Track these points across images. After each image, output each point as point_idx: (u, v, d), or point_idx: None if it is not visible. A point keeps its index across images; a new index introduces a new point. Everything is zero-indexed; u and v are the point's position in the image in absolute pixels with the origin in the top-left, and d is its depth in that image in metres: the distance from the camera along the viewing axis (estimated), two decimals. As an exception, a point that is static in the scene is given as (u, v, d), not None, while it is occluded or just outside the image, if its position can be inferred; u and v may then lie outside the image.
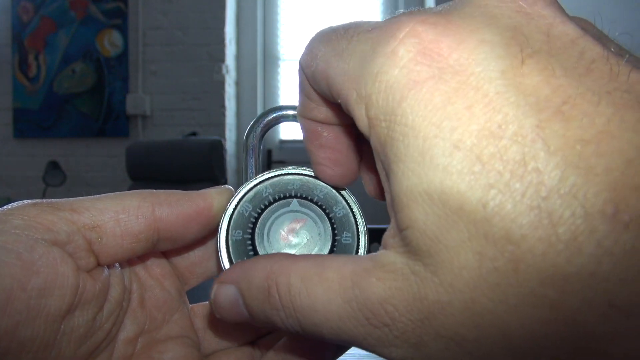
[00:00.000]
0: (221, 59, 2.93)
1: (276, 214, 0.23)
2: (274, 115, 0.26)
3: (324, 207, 0.23)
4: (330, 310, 0.16)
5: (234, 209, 0.23)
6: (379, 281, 0.15)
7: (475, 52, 0.14)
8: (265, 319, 0.18)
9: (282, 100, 3.30)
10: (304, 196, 0.23)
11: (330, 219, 0.22)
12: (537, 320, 0.13)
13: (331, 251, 0.22)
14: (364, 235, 0.23)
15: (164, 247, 0.23)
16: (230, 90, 3.06)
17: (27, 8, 2.97)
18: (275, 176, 0.23)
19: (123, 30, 2.94)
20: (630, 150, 0.12)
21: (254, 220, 0.23)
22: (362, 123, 0.16)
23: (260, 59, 3.26)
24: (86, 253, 0.20)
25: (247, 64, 3.23)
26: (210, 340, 0.25)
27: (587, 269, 0.12)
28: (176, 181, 2.10)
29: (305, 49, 0.19)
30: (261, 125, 0.26)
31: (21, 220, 0.19)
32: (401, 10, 0.16)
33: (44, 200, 0.20)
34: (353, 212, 0.23)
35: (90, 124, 2.96)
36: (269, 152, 3.25)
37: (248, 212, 0.23)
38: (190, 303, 0.26)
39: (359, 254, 0.22)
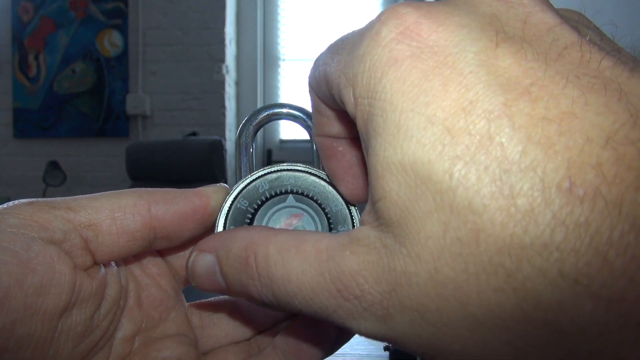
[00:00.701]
0: (221, 59, 2.93)
1: (273, 209, 0.23)
2: (266, 113, 0.26)
3: (320, 202, 0.23)
4: (304, 281, 0.16)
5: (231, 205, 0.23)
6: (352, 254, 0.16)
7: (453, 35, 0.15)
8: (240, 288, 0.18)
9: (282, 100, 3.30)
10: (300, 192, 0.23)
11: (326, 214, 0.23)
12: (493, 288, 0.13)
13: None
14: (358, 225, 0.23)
15: (160, 246, 0.23)
16: (230, 90, 3.06)
17: (27, 8, 2.97)
18: (270, 172, 0.23)
19: (123, 30, 2.94)
20: (591, 131, 0.13)
21: (250, 216, 0.23)
22: (350, 106, 0.17)
23: (260, 59, 3.26)
24: (82, 251, 0.20)
25: (247, 64, 3.23)
26: (208, 338, 0.26)
27: (541, 239, 0.12)
28: (176, 181, 2.10)
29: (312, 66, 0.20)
30: (253, 124, 0.26)
31: (17, 219, 0.19)
32: None
33: (40, 199, 0.20)
34: (349, 207, 0.23)
35: (90, 124, 2.96)
36: (269, 152, 3.25)
37: (245, 207, 0.23)
38: (187, 301, 0.26)
39: None
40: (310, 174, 0.23)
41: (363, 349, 0.38)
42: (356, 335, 0.41)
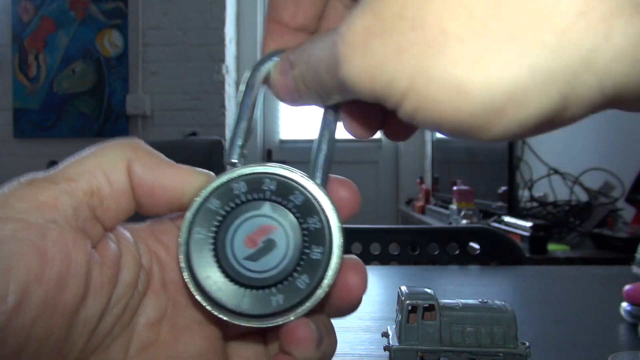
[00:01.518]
0: (221, 59, 2.93)
1: (244, 215, 0.21)
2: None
3: (298, 215, 0.20)
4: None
5: (201, 203, 0.21)
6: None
7: None
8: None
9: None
10: (278, 200, 0.21)
11: (302, 230, 0.20)
12: None
13: (297, 265, 0.20)
14: (338, 251, 0.20)
15: (139, 210, 0.22)
16: (230, 90, 3.06)
17: (27, 8, 2.97)
18: (252, 174, 0.21)
19: (123, 30, 2.94)
20: None
21: (220, 219, 0.21)
22: None
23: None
24: (92, 222, 0.19)
25: (247, 64, 3.23)
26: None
27: None
28: (176, 181, 2.10)
29: None
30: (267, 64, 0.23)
31: (24, 202, 0.18)
32: None
33: (37, 175, 0.19)
34: (330, 226, 0.20)
35: (90, 124, 2.96)
36: (269, 152, 3.24)
37: (215, 209, 0.21)
38: None
39: (327, 273, 0.20)
40: (295, 181, 0.21)
41: (363, 349, 0.38)
42: (356, 335, 0.41)
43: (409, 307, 0.33)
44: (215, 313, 0.21)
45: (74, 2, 2.95)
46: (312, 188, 0.21)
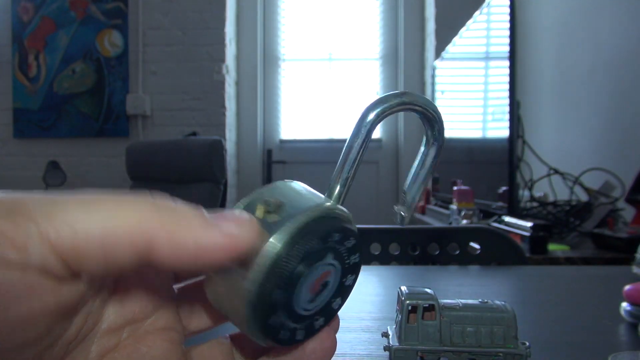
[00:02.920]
0: (221, 59, 2.93)
1: (312, 266, 0.20)
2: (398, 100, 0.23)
3: (345, 256, 0.22)
4: None
5: (282, 268, 0.19)
6: None
7: None
8: None
9: (282, 100, 3.30)
10: (338, 248, 0.21)
11: (344, 266, 0.22)
12: None
13: (336, 293, 0.22)
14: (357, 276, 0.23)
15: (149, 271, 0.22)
16: (230, 90, 3.06)
17: (27, 8, 2.97)
18: (319, 217, 0.20)
19: (123, 30, 2.94)
20: None
21: (296, 280, 0.20)
22: None
23: (260, 59, 3.26)
24: (61, 271, 0.17)
25: (247, 64, 3.23)
26: (198, 322, 0.25)
27: None
28: (176, 181, 2.10)
29: None
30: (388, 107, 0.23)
31: None
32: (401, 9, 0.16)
33: (21, 202, 0.17)
34: (361, 261, 0.23)
35: (90, 124, 2.96)
36: (269, 152, 3.25)
37: (298, 271, 0.20)
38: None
39: (350, 290, 0.23)
40: (353, 230, 0.22)
41: (363, 349, 0.38)
42: (356, 335, 0.41)
43: (409, 307, 0.33)
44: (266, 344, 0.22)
45: (74, 2, 2.95)
46: (349, 218, 0.22)
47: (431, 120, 0.25)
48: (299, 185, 0.22)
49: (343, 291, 0.23)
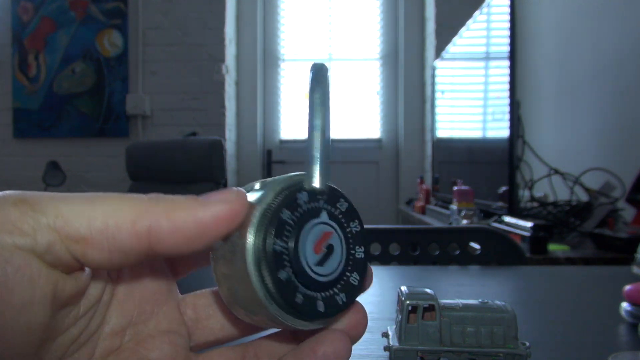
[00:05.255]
0: (221, 59, 2.93)
1: (309, 223, 0.21)
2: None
3: (343, 221, 0.22)
4: None
5: (274, 213, 0.20)
6: None
7: None
8: None
9: (282, 100, 3.30)
10: (330, 209, 0.22)
11: (346, 234, 0.22)
12: None
13: (347, 264, 0.22)
14: (368, 250, 0.23)
15: (154, 259, 0.22)
16: (230, 90, 3.06)
17: (27, 8, 2.97)
18: (303, 183, 0.22)
19: (123, 30, 2.94)
20: None
21: (290, 230, 0.21)
22: None
23: (260, 59, 3.26)
24: (66, 261, 0.18)
25: (247, 64, 3.23)
26: (203, 330, 0.25)
27: None
28: (176, 181, 2.10)
29: None
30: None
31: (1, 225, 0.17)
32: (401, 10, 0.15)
33: (29, 196, 0.18)
34: (364, 229, 0.23)
35: (90, 124, 2.96)
36: (269, 152, 3.24)
37: (286, 219, 0.21)
38: (181, 293, 0.26)
39: (367, 267, 0.23)
40: (338, 191, 0.23)
41: (363, 349, 0.38)
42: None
43: (409, 307, 0.33)
44: (292, 325, 0.21)
45: (74, 2, 2.95)
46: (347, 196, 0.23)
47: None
48: (293, 173, 0.23)
49: (357, 265, 0.22)
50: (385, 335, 0.35)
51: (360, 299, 0.23)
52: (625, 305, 0.46)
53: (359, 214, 0.23)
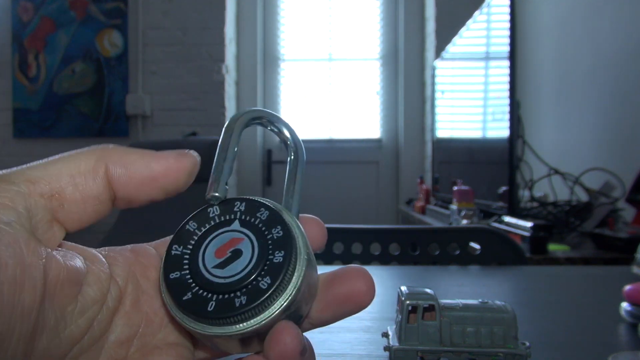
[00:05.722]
0: (221, 59, 2.93)
1: (216, 232, 0.23)
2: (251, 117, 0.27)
3: (263, 228, 0.23)
4: None
5: (181, 226, 0.24)
6: None
7: None
8: None
9: (282, 100, 3.30)
10: (246, 218, 0.23)
11: (267, 240, 0.23)
12: None
13: (261, 270, 0.22)
14: (302, 256, 0.22)
15: (120, 206, 0.23)
16: (230, 90, 3.06)
17: (27, 8, 2.97)
18: (225, 200, 0.24)
19: (123, 30, 2.94)
20: None
21: (195, 238, 0.23)
22: None
23: (260, 59, 3.26)
24: (50, 224, 0.19)
25: (247, 64, 3.23)
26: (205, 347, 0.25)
27: None
28: (176, 181, 2.10)
29: None
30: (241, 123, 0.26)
31: None
32: (401, 9, 0.16)
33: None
34: (291, 234, 0.23)
35: (90, 124, 2.96)
36: (269, 152, 3.25)
37: (192, 229, 0.24)
38: None
39: (293, 274, 0.22)
40: (260, 202, 0.24)
41: (363, 349, 0.38)
42: (356, 335, 0.41)
43: (409, 307, 0.33)
44: (185, 324, 0.21)
45: (74, 2, 2.95)
46: (276, 206, 0.24)
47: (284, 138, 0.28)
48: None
49: (272, 269, 0.22)
50: (385, 335, 0.35)
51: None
52: (625, 305, 0.46)
53: (284, 221, 0.23)
